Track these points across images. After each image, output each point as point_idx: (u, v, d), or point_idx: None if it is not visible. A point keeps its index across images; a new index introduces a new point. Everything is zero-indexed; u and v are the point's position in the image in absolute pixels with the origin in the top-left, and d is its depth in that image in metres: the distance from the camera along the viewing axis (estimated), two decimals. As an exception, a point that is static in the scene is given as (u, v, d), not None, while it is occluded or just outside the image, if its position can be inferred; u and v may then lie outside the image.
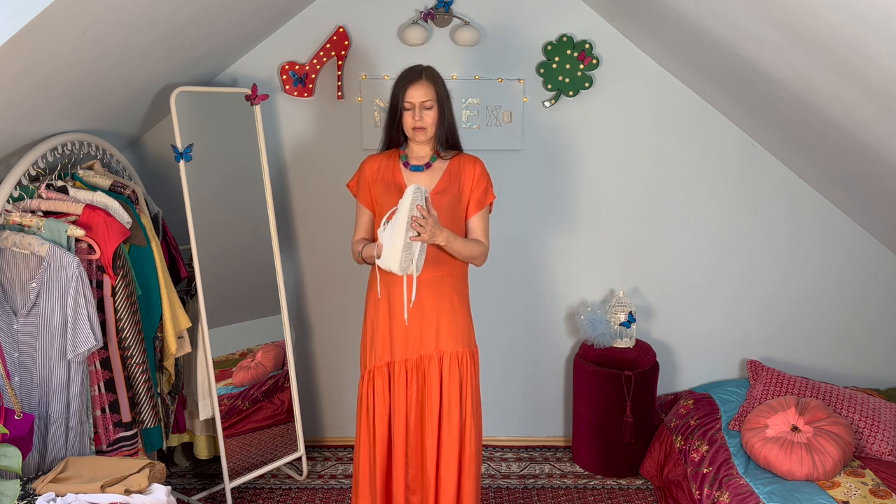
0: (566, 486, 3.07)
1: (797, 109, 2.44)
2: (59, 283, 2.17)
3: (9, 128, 2.10)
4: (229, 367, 2.86)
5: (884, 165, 2.36)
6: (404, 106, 2.27)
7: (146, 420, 2.46)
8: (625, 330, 3.13)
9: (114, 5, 1.85)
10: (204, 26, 2.42)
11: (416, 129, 2.27)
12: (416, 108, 2.25)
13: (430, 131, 2.28)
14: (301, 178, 3.15)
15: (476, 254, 2.33)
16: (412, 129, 2.27)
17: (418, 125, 2.26)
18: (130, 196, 2.55)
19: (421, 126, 2.26)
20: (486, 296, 3.22)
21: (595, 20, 3.00)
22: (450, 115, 2.34)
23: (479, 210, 2.37)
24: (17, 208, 2.24)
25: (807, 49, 1.93)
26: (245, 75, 3.03)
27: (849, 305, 3.24)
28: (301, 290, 3.27)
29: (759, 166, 3.12)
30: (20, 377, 2.21)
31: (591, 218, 3.19)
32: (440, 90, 2.29)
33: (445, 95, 2.32)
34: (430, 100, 2.25)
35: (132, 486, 2.02)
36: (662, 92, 3.06)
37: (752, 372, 3.11)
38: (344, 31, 2.97)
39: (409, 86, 2.25)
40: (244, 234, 2.90)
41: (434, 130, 2.29)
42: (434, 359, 2.34)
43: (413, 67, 2.31)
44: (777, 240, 3.19)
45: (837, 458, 2.41)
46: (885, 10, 1.47)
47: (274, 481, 3.10)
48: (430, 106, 2.26)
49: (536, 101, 3.07)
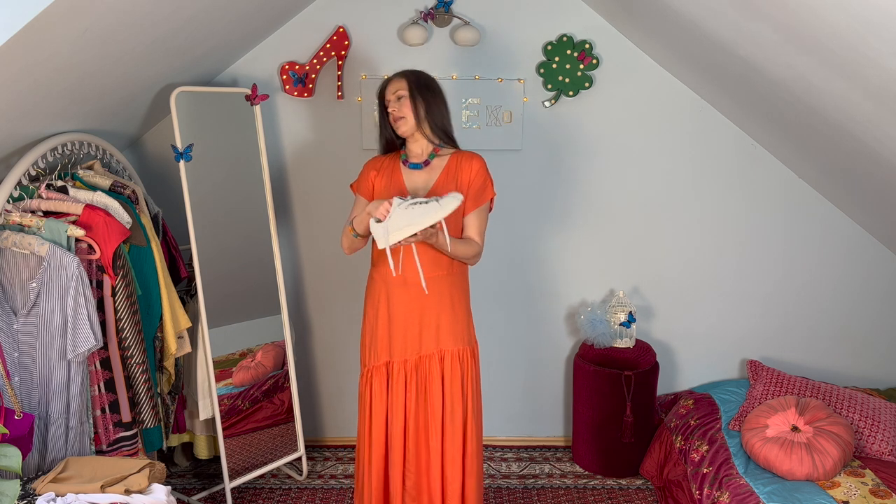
0: (566, 486, 3.07)
1: (797, 109, 2.44)
2: (59, 283, 2.17)
3: (9, 128, 2.10)
4: (229, 367, 2.86)
5: (884, 165, 2.36)
6: (386, 104, 2.35)
7: (146, 420, 2.46)
8: (625, 330, 3.13)
9: (114, 5, 1.85)
10: (204, 26, 2.42)
11: (395, 120, 2.32)
12: (391, 101, 2.32)
13: (410, 121, 2.30)
14: (301, 178, 3.15)
15: (468, 255, 2.32)
16: (393, 121, 2.33)
17: (395, 115, 2.31)
18: (130, 196, 2.55)
19: (399, 115, 2.30)
20: (487, 296, 3.22)
21: (595, 20, 3.00)
22: (436, 108, 2.35)
23: (476, 207, 2.36)
24: (17, 208, 2.24)
25: (807, 49, 1.93)
26: (245, 75, 3.03)
27: (849, 305, 3.24)
28: (301, 290, 3.27)
29: (758, 166, 3.12)
30: (20, 377, 2.21)
31: (591, 218, 3.19)
32: (415, 81, 2.33)
33: (424, 87, 2.33)
34: (400, 90, 2.30)
35: (132, 486, 2.02)
36: (662, 92, 3.07)
37: (752, 372, 3.11)
38: (344, 31, 2.97)
39: (385, 85, 2.36)
40: (244, 234, 2.90)
41: (414, 121, 2.30)
42: (435, 358, 2.35)
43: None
44: (777, 239, 3.20)
45: (837, 458, 2.42)
46: (885, 10, 1.47)
47: (274, 481, 3.10)
48: (402, 95, 2.30)
49: (536, 101, 3.07)
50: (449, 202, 2.10)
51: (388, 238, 2.11)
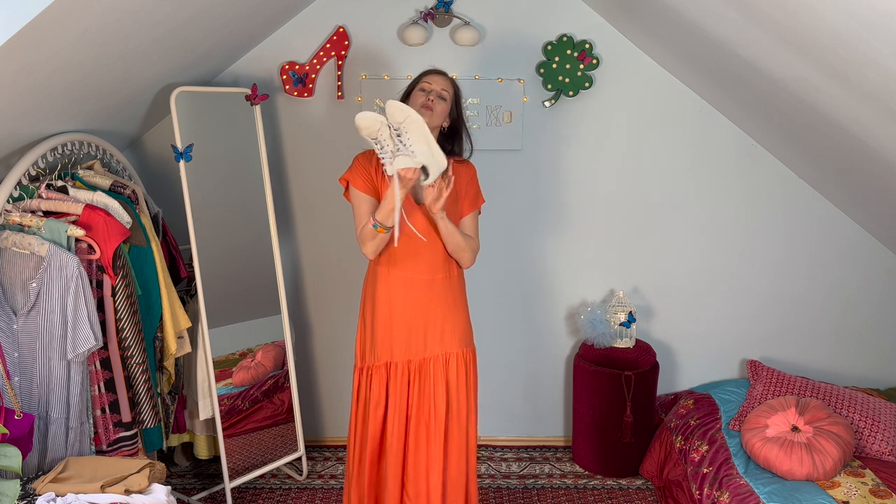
0: (566, 486, 3.07)
1: (797, 109, 2.44)
2: (59, 283, 2.17)
3: (9, 128, 2.10)
4: (229, 367, 2.86)
5: (884, 165, 2.36)
6: (420, 87, 2.28)
7: (146, 420, 2.46)
8: (625, 330, 3.13)
9: (114, 5, 1.85)
10: (204, 26, 2.42)
11: (424, 107, 2.23)
12: (432, 91, 2.26)
13: (436, 120, 2.27)
14: (301, 178, 3.15)
15: (468, 246, 2.31)
16: (420, 106, 2.23)
17: (428, 104, 2.23)
18: (130, 196, 2.55)
19: (429, 106, 2.23)
20: (487, 296, 3.22)
21: (595, 20, 3.00)
22: (461, 125, 2.36)
23: (472, 210, 2.39)
24: (17, 208, 2.24)
25: (807, 49, 1.93)
26: (245, 75, 3.03)
27: (849, 305, 3.24)
28: (301, 290, 3.27)
29: (758, 166, 3.12)
30: (20, 377, 2.21)
31: (590, 218, 3.19)
32: (458, 93, 2.33)
33: (460, 102, 2.34)
34: (447, 91, 2.28)
35: (132, 486, 2.02)
36: (662, 92, 3.06)
37: (752, 372, 3.11)
38: (344, 31, 2.97)
39: (431, 73, 2.31)
40: (244, 234, 2.90)
41: (437, 122, 2.28)
42: (440, 360, 2.34)
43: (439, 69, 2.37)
44: (777, 239, 3.20)
45: (837, 458, 2.42)
46: (885, 11, 1.47)
47: (274, 481, 3.10)
48: (446, 97, 2.27)
49: (536, 101, 3.07)
50: (406, 110, 2.03)
51: (440, 161, 2.05)
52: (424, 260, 2.31)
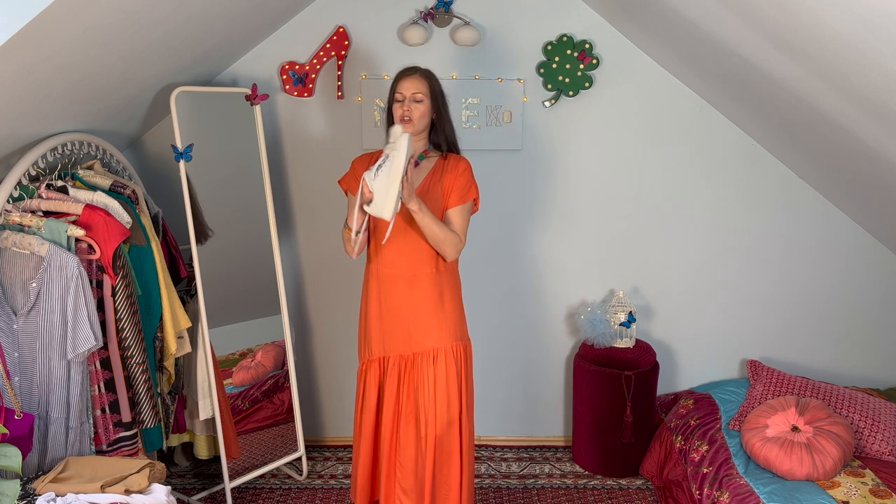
0: (566, 486, 3.07)
1: (797, 109, 2.44)
2: (59, 283, 2.17)
3: (9, 128, 2.10)
4: (229, 367, 2.86)
5: (884, 165, 2.36)
6: (395, 98, 2.29)
7: (146, 420, 2.46)
8: (625, 330, 3.13)
9: (114, 5, 1.85)
10: (204, 26, 2.42)
11: (402, 121, 2.26)
12: (406, 99, 2.27)
13: (418, 125, 2.28)
14: (301, 177, 3.15)
15: (447, 239, 2.28)
16: (399, 120, 2.27)
17: (406, 116, 2.26)
18: (130, 196, 2.55)
19: (408, 117, 2.25)
20: (486, 295, 3.22)
21: (595, 20, 3.00)
22: (447, 118, 2.35)
23: (459, 203, 2.34)
24: (17, 208, 2.24)
25: (807, 49, 1.93)
26: (245, 75, 3.03)
27: (849, 305, 3.24)
28: (301, 290, 3.27)
29: (759, 166, 3.12)
30: (20, 377, 2.21)
31: (591, 218, 3.19)
32: (434, 87, 2.31)
33: (440, 94, 2.32)
34: (420, 93, 2.27)
35: (132, 486, 2.02)
36: (662, 92, 3.06)
37: (752, 372, 3.11)
38: (344, 31, 2.97)
39: (401, 78, 2.30)
40: (244, 234, 2.91)
41: (421, 126, 2.29)
42: (429, 355, 2.36)
43: (411, 66, 2.34)
44: (777, 239, 3.19)
45: (837, 458, 2.42)
46: (885, 11, 1.47)
47: (274, 481, 3.10)
48: (421, 99, 2.27)
49: (536, 101, 3.07)
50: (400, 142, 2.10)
51: (384, 208, 2.12)
52: (406, 256, 2.33)
